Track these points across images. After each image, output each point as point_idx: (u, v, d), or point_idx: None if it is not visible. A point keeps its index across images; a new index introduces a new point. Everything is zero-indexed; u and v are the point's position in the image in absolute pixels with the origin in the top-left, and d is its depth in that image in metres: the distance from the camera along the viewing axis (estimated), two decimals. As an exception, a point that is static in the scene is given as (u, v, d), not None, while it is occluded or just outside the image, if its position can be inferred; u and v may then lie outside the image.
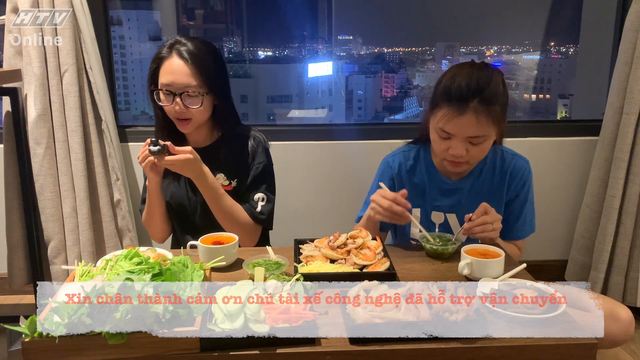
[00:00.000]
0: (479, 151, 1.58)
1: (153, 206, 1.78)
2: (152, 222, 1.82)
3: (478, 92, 1.50)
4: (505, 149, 1.75)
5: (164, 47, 1.70)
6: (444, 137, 1.58)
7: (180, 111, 1.68)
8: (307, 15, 3.32)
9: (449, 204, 1.74)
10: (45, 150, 2.27)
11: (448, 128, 1.55)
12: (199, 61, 1.67)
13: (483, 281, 1.31)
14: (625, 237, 2.42)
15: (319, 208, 1.93)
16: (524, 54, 3.45)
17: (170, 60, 1.67)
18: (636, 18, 2.29)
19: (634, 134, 2.35)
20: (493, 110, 1.52)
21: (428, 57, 3.60)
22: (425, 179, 1.75)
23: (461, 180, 1.73)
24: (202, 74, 1.67)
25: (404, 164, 1.78)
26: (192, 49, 1.67)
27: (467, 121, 1.51)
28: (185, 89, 1.66)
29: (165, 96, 1.68)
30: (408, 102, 3.66)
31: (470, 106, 1.50)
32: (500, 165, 1.72)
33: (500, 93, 1.55)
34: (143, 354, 1.04)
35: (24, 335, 1.03)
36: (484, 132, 1.53)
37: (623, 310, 1.56)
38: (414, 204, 1.74)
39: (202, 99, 1.68)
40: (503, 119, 1.58)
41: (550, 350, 1.09)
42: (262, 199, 1.79)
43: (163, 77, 1.68)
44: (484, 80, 1.53)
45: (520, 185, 1.72)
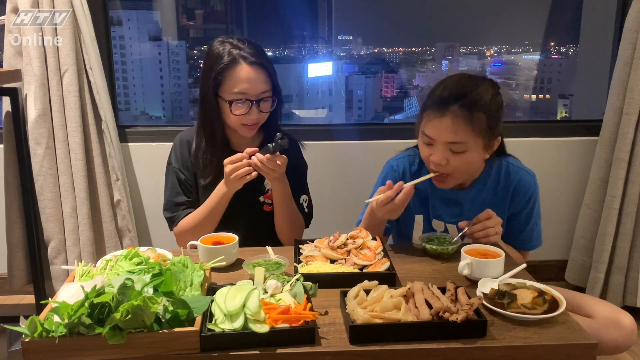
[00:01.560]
0: (461, 162, 1.53)
1: (215, 217, 1.70)
2: (199, 233, 1.57)
3: (460, 97, 1.49)
4: (512, 162, 1.71)
5: (222, 55, 1.64)
6: (426, 142, 1.56)
7: (257, 118, 1.67)
8: (307, 15, 3.32)
9: (451, 214, 1.71)
10: (45, 151, 2.27)
11: (427, 130, 1.54)
12: (266, 64, 1.66)
13: (483, 281, 1.31)
14: (625, 237, 2.42)
15: (319, 208, 1.93)
16: (524, 54, 3.45)
17: (240, 68, 1.63)
18: (636, 18, 2.29)
19: (634, 134, 2.35)
20: (475, 118, 1.49)
21: (428, 57, 3.60)
22: (428, 187, 1.72)
23: (464, 191, 1.70)
24: (272, 76, 1.67)
25: (408, 169, 1.75)
26: (255, 52, 1.66)
27: (445, 125, 1.50)
28: (261, 95, 1.66)
29: (239, 105, 1.65)
30: (408, 102, 3.66)
31: (450, 109, 1.49)
32: (505, 179, 1.69)
33: (486, 102, 1.51)
34: (143, 354, 1.04)
35: (24, 335, 1.03)
36: (462, 139, 1.50)
37: (626, 317, 1.55)
38: (416, 211, 1.74)
39: (274, 101, 1.69)
40: (490, 130, 1.52)
41: (550, 350, 1.09)
42: (306, 200, 1.84)
43: (235, 86, 1.63)
44: (468, 87, 1.52)
45: (525, 200, 1.69)
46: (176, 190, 1.77)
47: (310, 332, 1.08)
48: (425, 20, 3.37)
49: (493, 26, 3.30)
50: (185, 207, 1.77)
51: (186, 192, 1.78)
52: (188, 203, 1.77)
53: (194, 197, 1.78)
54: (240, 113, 1.65)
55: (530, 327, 1.14)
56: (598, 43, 2.94)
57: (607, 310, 1.58)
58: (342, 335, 1.11)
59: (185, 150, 1.78)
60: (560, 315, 1.17)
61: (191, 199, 1.78)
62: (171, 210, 1.78)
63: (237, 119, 1.66)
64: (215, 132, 1.72)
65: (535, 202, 1.71)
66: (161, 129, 2.63)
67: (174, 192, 1.78)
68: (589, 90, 3.14)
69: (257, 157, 1.59)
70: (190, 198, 1.78)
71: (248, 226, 1.65)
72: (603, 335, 1.50)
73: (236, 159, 1.59)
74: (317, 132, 2.67)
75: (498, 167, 1.69)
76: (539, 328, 1.14)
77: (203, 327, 1.07)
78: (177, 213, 1.77)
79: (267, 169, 1.59)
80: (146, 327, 1.04)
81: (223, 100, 1.66)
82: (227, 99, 1.64)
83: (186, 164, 1.78)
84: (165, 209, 1.80)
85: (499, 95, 1.57)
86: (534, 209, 1.71)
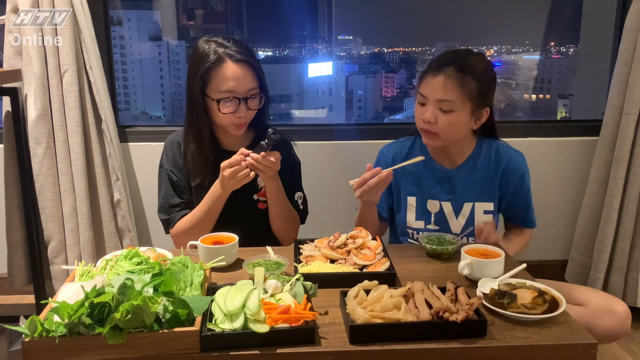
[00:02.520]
0: (447, 122, 1.64)
1: (211, 218, 1.69)
2: (198, 236, 1.54)
3: (455, 61, 1.64)
4: (501, 143, 1.81)
5: (207, 54, 1.63)
6: (420, 102, 1.68)
7: (245, 116, 1.66)
8: (307, 15, 3.32)
9: (444, 191, 1.77)
10: (45, 150, 2.27)
11: (422, 89, 1.67)
12: (252, 61, 1.66)
13: (483, 281, 1.31)
14: (625, 237, 2.42)
15: (319, 208, 1.93)
16: (524, 54, 3.44)
17: (226, 66, 1.62)
18: (636, 18, 2.29)
19: (634, 134, 2.35)
20: (466, 81, 1.62)
21: (428, 57, 3.59)
22: (421, 167, 1.78)
23: (456, 169, 1.77)
24: (258, 73, 1.67)
25: (399, 153, 1.84)
26: (240, 49, 1.65)
27: (437, 83, 1.63)
28: (249, 92, 1.65)
29: (227, 103, 1.64)
30: (408, 102, 3.66)
31: (445, 70, 1.63)
32: (495, 157, 1.77)
33: (478, 70, 1.64)
34: (143, 354, 1.04)
35: (24, 335, 1.03)
36: (452, 97, 1.61)
37: (619, 304, 1.57)
38: (410, 192, 1.81)
39: (261, 98, 1.69)
40: (479, 97, 1.64)
41: (550, 350, 1.09)
42: (300, 197, 1.84)
43: (222, 85, 1.63)
44: (464, 53, 1.69)
45: (518, 177, 1.77)
46: (170, 192, 1.77)
47: (310, 332, 1.08)
48: (425, 20, 3.37)
49: (493, 26, 3.30)
50: (181, 209, 1.77)
51: (180, 194, 1.77)
52: (183, 204, 1.77)
53: (188, 198, 1.78)
54: (228, 111, 1.64)
55: (530, 327, 1.15)
56: (598, 43, 2.94)
57: (601, 298, 1.61)
58: (342, 335, 1.11)
59: (177, 152, 1.78)
60: (560, 315, 1.17)
61: (185, 200, 1.78)
62: (166, 213, 1.77)
63: (226, 117, 1.65)
64: (202, 133, 1.71)
65: (529, 181, 1.80)
66: (161, 129, 2.63)
67: (168, 194, 1.77)
68: (589, 90, 3.14)
69: (252, 157, 1.58)
70: (185, 199, 1.78)
71: (244, 225, 1.64)
72: (597, 322, 1.52)
73: (234, 162, 1.58)
74: (317, 132, 2.66)
75: (488, 147, 1.79)
76: (539, 328, 1.14)
77: (203, 327, 1.07)
78: (172, 215, 1.77)
79: (262, 167, 1.59)
80: (146, 327, 1.04)
81: (210, 99, 1.65)
82: (215, 98, 1.64)
83: (178, 166, 1.77)
84: (160, 211, 1.80)
85: (492, 70, 1.70)
86: (529, 188, 1.80)
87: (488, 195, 1.77)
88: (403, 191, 1.81)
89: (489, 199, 1.77)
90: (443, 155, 1.78)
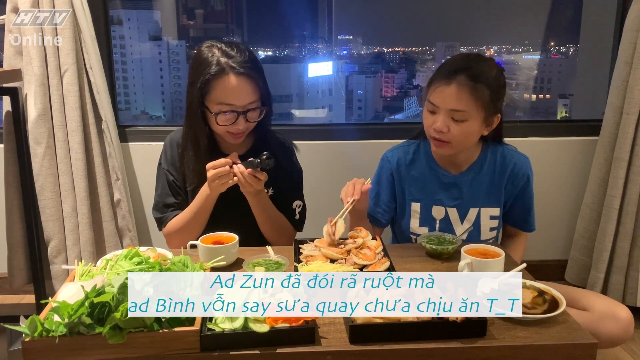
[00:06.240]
0: (460, 131, 1.60)
1: (201, 219, 1.69)
2: (188, 235, 1.62)
3: (467, 69, 1.58)
4: (506, 147, 1.79)
5: (209, 63, 1.58)
6: (430, 111, 1.64)
7: (244, 128, 1.63)
8: (307, 15, 3.32)
9: (450, 197, 1.75)
10: (45, 150, 2.27)
11: (433, 98, 1.62)
12: (254, 73, 1.60)
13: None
14: (625, 237, 2.42)
15: (319, 208, 1.93)
16: (524, 54, 3.44)
17: (227, 78, 1.57)
18: (636, 18, 2.29)
19: (634, 134, 2.35)
20: (479, 89, 1.57)
21: (428, 57, 3.59)
22: (426, 172, 1.76)
23: (461, 174, 1.75)
24: (260, 86, 1.62)
25: (403, 159, 1.80)
26: (244, 59, 1.59)
27: (450, 92, 1.58)
28: (248, 106, 1.61)
29: (225, 115, 1.60)
30: (408, 102, 3.66)
31: (456, 79, 1.58)
32: (501, 162, 1.75)
33: (490, 77, 1.60)
34: (143, 354, 1.04)
35: (24, 335, 1.03)
36: (465, 107, 1.57)
37: (622, 309, 1.56)
38: (414, 198, 1.78)
39: (262, 110, 1.65)
40: (491, 104, 1.61)
41: (550, 350, 1.09)
42: (299, 205, 1.81)
43: (221, 98, 1.58)
44: (475, 60, 1.63)
45: (525, 181, 1.76)
46: (166, 191, 1.77)
47: (310, 331, 1.08)
48: (425, 20, 3.37)
49: (493, 26, 3.30)
50: (174, 209, 1.76)
51: (175, 194, 1.77)
52: (177, 205, 1.77)
53: (182, 198, 1.77)
54: (225, 124, 1.61)
55: (530, 327, 1.15)
56: (598, 43, 2.94)
57: (604, 303, 1.60)
58: (342, 335, 1.11)
59: (175, 152, 1.77)
60: (560, 315, 1.17)
61: (180, 201, 1.77)
62: (160, 211, 1.78)
63: (223, 128, 1.63)
64: (200, 141, 1.68)
65: (533, 185, 1.78)
66: (161, 128, 2.63)
67: (163, 193, 1.77)
68: (589, 90, 3.14)
69: (239, 167, 1.57)
70: (179, 200, 1.77)
71: (238, 226, 1.62)
72: (600, 328, 1.51)
73: (219, 164, 1.57)
74: (317, 131, 2.66)
75: (493, 151, 1.76)
76: (539, 328, 1.14)
77: (203, 326, 1.07)
78: (165, 214, 1.76)
79: (245, 182, 1.57)
80: (146, 327, 1.04)
81: (209, 110, 1.62)
82: (213, 111, 1.60)
83: (175, 166, 1.77)
84: (154, 209, 1.80)
85: (502, 75, 1.66)
86: (532, 192, 1.79)
87: (494, 200, 1.74)
88: (407, 197, 1.78)
89: (495, 204, 1.74)
90: (448, 161, 1.75)
